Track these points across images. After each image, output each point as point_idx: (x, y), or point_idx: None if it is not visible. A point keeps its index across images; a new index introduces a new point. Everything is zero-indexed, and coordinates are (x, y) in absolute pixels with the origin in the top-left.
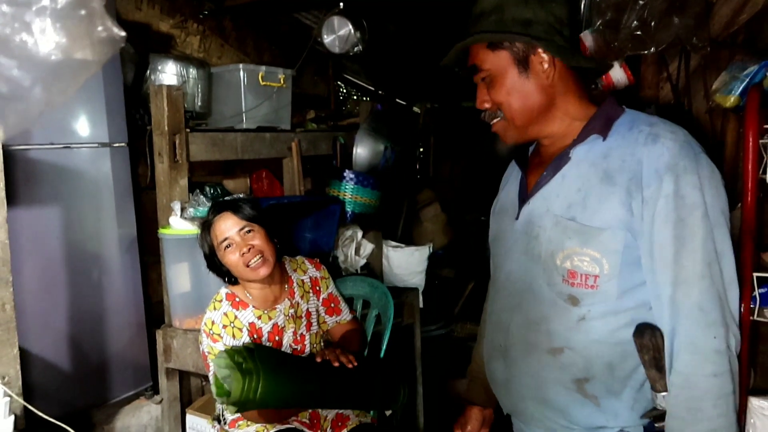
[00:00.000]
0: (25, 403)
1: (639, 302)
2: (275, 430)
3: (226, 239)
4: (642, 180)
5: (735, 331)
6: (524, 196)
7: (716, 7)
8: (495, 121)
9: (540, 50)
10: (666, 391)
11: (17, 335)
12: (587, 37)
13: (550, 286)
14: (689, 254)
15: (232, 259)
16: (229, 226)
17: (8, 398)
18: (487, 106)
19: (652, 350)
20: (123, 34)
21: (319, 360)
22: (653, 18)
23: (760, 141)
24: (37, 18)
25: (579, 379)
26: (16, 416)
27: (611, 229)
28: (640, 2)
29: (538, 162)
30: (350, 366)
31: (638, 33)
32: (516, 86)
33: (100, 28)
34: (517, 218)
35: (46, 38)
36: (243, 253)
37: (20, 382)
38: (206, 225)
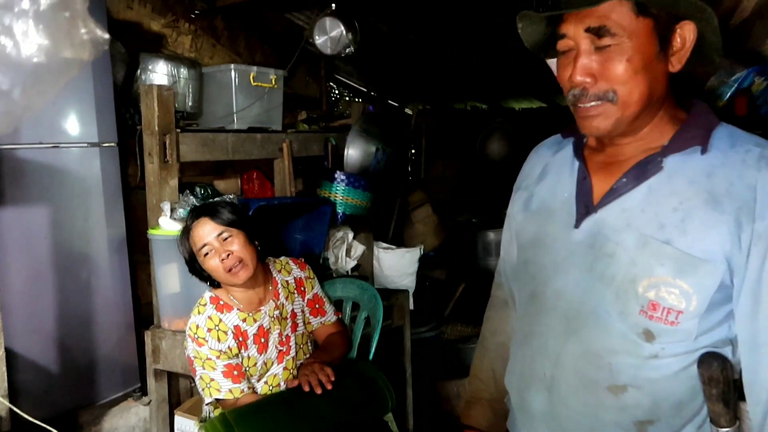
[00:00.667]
0: (10, 405)
1: (715, 341)
2: None
3: (204, 245)
4: (755, 211)
5: None
6: (588, 202)
7: None
8: (595, 103)
9: (683, 27)
10: (730, 426)
11: (3, 336)
12: None
13: (622, 316)
14: None
15: (212, 264)
16: (207, 232)
17: None
18: (588, 81)
19: (722, 384)
20: (107, 36)
21: (306, 389)
22: None
23: None
24: (19, 20)
25: (641, 421)
26: (1, 418)
27: (713, 262)
28: None
29: (604, 161)
30: (329, 386)
31: None
32: (649, 65)
33: (83, 30)
34: (576, 226)
35: (27, 41)
36: (222, 259)
37: (5, 384)
38: (185, 230)
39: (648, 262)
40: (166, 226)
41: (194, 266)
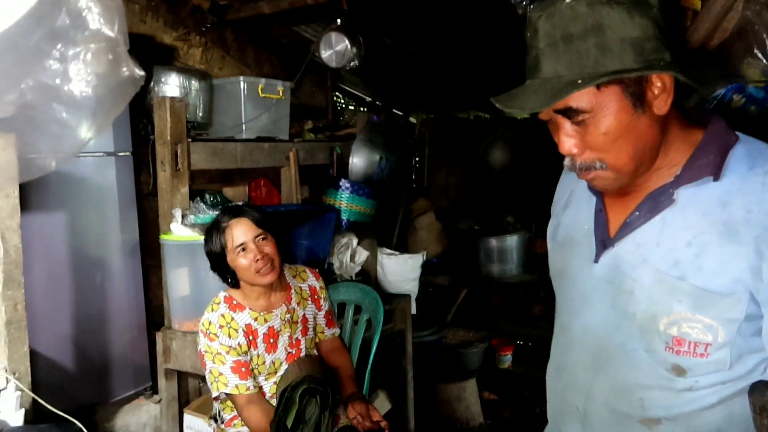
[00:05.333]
0: (36, 397)
1: (752, 367)
2: None
3: (242, 244)
4: None
5: None
6: (604, 236)
7: (688, 33)
8: (590, 172)
9: (654, 76)
10: None
11: (28, 334)
12: None
13: (649, 353)
14: None
15: (243, 263)
16: (246, 231)
17: (19, 392)
18: (575, 152)
19: None
20: (142, 73)
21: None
22: None
23: None
24: (74, 66)
25: None
26: (25, 410)
27: (734, 295)
28: None
29: (619, 192)
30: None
31: None
32: (628, 127)
33: (124, 69)
34: (596, 261)
35: (82, 82)
36: (257, 260)
37: (30, 378)
38: (219, 226)
39: (665, 299)
40: (178, 231)
41: (221, 262)
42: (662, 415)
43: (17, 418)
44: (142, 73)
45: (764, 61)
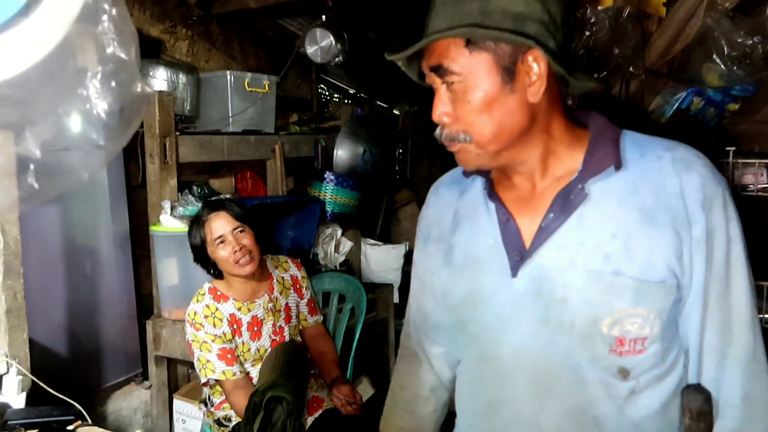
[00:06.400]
0: (37, 380)
1: (674, 358)
2: None
3: (220, 236)
4: (688, 217)
5: None
6: (519, 247)
7: (653, 38)
8: (455, 144)
9: (530, 56)
10: None
11: (27, 321)
12: None
13: (593, 362)
14: (737, 296)
15: (222, 254)
16: (224, 224)
17: (21, 377)
18: (446, 121)
19: (710, 416)
20: (150, 90)
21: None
22: (597, 48)
23: None
24: (100, 89)
25: None
26: (26, 393)
27: (667, 281)
28: (587, 33)
29: (520, 196)
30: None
31: (584, 59)
32: (495, 101)
33: (137, 87)
34: (514, 276)
35: (106, 104)
36: (234, 251)
37: (29, 363)
38: (200, 220)
39: (604, 298)
40: (167, 223)
41: (202, 254)
42: (616, 430)
43: (19, 401)
44: (150, 90)
45: (722, 66)
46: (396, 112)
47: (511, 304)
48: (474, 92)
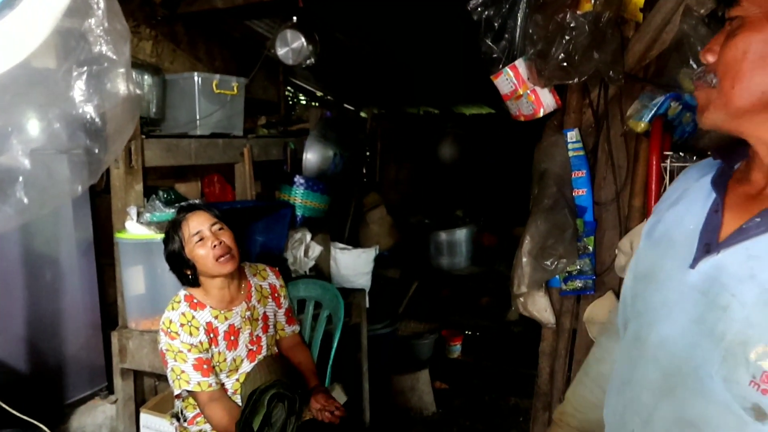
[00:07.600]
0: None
1: None
2: None
3: (198, 232)
4: None
5: None
6: (711, 239)
7: (631, 43)
8: (700, 84)
9: None
10: None
11: None
12: (521, 65)
13: (727, 384)
14: None
15: (201, 252)
16: (202, 221)
17: None
18: (710, 59)
19: None
20: (139, 92)
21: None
22: (576, 52)
23: (662, 164)
24: (93, 93)
25: None
26: None
27: None
28: (566, 37)
29: (747, 192)
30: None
31: (564, 64)
32: (761, 50)
33: (128, 89)
34: (692, 266)
35: (98, 108)
36: (213, 246)
37: None
38: (176, 223)
39: (766, 324)
40: (133, 229)
41: (179, 260)
42: None
43: None
44: (138, 92)
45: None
46: (363, 114)
47: (678, 294)
48: (747, 33)
